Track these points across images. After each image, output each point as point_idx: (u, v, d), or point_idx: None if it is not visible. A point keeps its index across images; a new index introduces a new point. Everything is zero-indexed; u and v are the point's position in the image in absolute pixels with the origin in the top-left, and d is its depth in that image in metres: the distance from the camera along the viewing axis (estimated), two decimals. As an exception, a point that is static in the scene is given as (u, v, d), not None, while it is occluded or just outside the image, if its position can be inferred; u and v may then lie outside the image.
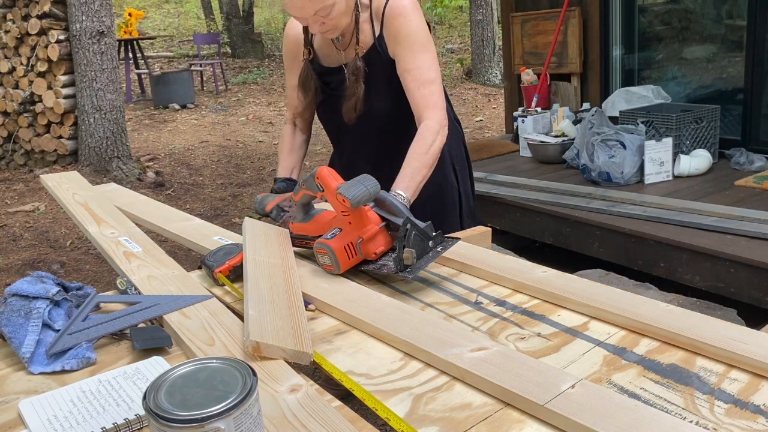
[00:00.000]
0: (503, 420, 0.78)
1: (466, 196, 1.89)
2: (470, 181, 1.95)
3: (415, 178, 1.49)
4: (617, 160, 3.31)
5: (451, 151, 1.83)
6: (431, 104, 1.58)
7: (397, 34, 1.60)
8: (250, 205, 4.89)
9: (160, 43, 13.84)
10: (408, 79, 1.61)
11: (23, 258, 3.88)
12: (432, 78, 1.59)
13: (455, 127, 1.87)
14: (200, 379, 0.66)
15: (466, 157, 1.94)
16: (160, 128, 7.81)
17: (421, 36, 1.60)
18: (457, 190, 1.86)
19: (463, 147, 1.92)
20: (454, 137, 1.82)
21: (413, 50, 1.59)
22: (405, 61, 1.60)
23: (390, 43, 1.63)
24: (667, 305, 1.03)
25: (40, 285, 1.06)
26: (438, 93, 1.60)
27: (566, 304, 1.08)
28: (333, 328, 1.05)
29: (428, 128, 1.55)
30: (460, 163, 1.88)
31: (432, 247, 1.22)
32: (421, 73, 1.59)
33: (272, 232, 1.40)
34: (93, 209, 1.68)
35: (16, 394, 0.89)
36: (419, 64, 1.59)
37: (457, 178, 1.86)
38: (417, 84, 1.59)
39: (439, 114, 1.58)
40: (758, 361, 0.85)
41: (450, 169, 1.84)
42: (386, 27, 1.62)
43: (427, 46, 1.61)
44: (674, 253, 2.65)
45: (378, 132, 1.75)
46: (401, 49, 1.60)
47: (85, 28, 5.34)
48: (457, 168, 1.87)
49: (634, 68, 4.37)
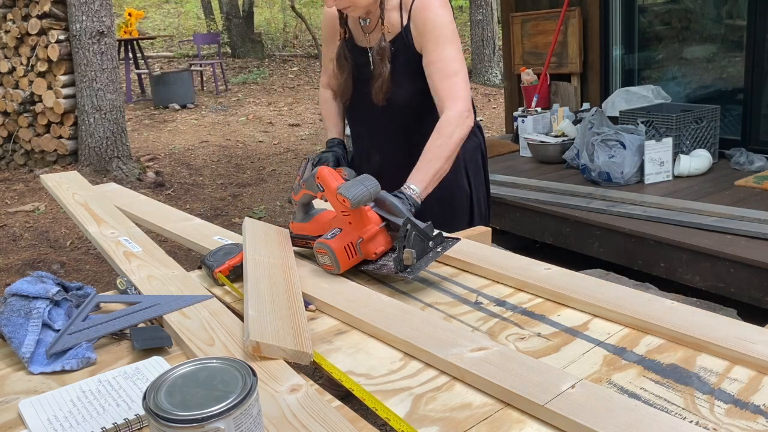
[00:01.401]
0: (503, 420, 0.78)
1: (478, 203, 1.88)
2: (485, 188, 1.93)
3: (428, 171, 1.49)
4: (617, 160, 3.31)
5: (465, 155, 1.81)
6: (453, 95, 1.58)
7: (424, 27, 1.62)
8: (250, 205, 4.89)
9: (160, 43, 13.84)
10: (432, 71, 1.62)
11: (23, 258, 3.88)
12: (456, 70, 1.60)
13: (473, 134, 1.84)
14: (200, 379, 0.66)
15: (483, 163, 1.92)
16: (160, 128, 7.81)
17: (447, 29, 1.61)
18: (468, 196, 1.85)
19: (480, 153, 1.90)
20: (470, 143, 1.81)
21: (438, 43, 1.60)
22: (429, 53, 1.62)
23: (416, 35, 1.64)
24: (672, 303, 1.03)
25: (40, 285, 1.06)
26: (461, 85, 1.60)
27: (570, 302, 1.08)
28: (333, 328, 1.05)
29: (447, 119, 1.56)
30: (474, 168, 1.87)
31: (432, 248, 1.22)
32: (445, 65, 1.60)
33: (272, 232, 1.40)
34: (93, 209, 1.68)
35: (16, 394, 0.89)
36: (443, 57, 1.60)
37: (469, 184, 1.85)
38: (441, 76, 1.60)
39: (461, 105, 1.57)
40: (764, 360, 0.85)
41: (462, 173, 1.83)
42: (413, 19, 1.64)
43: (453, 40, 1.62)
44: (674, 253, 2.65)
45: (393, 122, 1.75)
46: (426, 41, 1.62)
47: (85, 28, 5.34)
48: (471, 173, 1.85)
49: (634, 68, 4.37)
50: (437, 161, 1.50)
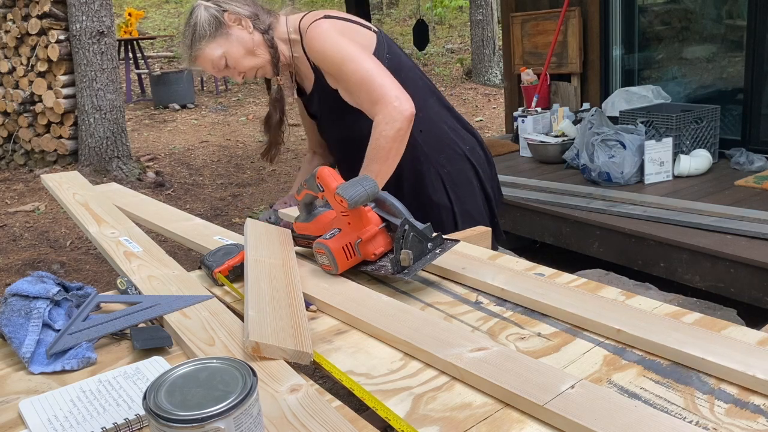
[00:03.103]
0: (503, 420, 0.78)
1: (464, 216, 1.77)
2: (483, 198, 1.83)
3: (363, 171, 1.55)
4: (617, 160, 3.31)
5: (441, 169, 1.75)
6: (371, 100, 1.57)
7: (320, 63, 1.63)
8: (250, 205, 4.89)
9: (160, 43, 13.83)
10: (349, 92, 1.62)
11: (23, 258, 3.88)
12: (361, 78, 1.56)
13: (452, 145, 1.77)
14: (200, 379, 0.66)
15: (477, 172, 1.82)
16: (160, 128, 7.81)
17: (337, 52, 1.58)
18: (450, 210, 1.77)
19: (467, 162, 1.80)
20: (449, 153, 1.76)
21: (336, 67, 1.60)
22: (337, 80, 1.63)
23: (324, 74, 1.66)
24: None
25: (41, 285, 1.06)
26: (375, 84, 1.55)
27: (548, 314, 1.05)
28: (333, 328, 1.05)
29: (375, 125, 1.57)
30: (453, 181, 1.77)
31: (431, 249, 1.21)
32: (352, 81, 1.59)
33: (274, 233, 1.40)
34: (93, 209, 1.68)
35: (16, 393, 0.89)
36: (347, 75, 1.59)
37: (449, 197, 1.77)
38: (355, 90, 1.60)
39: (383, 107, 1.54)
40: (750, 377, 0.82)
41: (439, 188, 1.75)
42: (313, 59, 1.65)
43: (347, 51, 1.58)
44: (674, 253, 2.65)
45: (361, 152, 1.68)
46: (329, 74, 1.64)
47: (85, 28, 5.34)
48: (449, 187, 1.77)
49: (634, 68, 4.37)
50: (374, 163, 1.55)
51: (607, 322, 0.97)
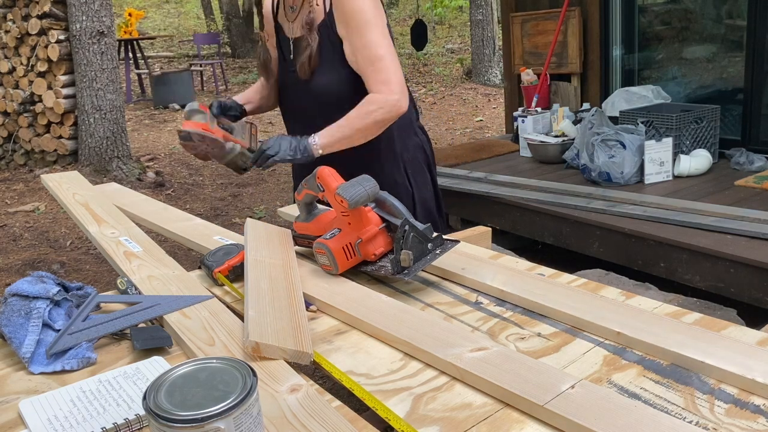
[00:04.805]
0: (503, 420, 0.78)
1: (422, 203, 1.85)
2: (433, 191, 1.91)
3: (335, 133, 1.57)
4: (617, 160, 3.31)
5: (404, 153, 1.81)
6: (381, 80, 1.58)
7: (344, 14, 1.62)
8: (250, 205, 4.89)
9: (160, 43, 13.84)
10: (358, 58, 1.62)
11: (23, 258, 3.88)
12: (381, 54, 1.59)
13: (414, 133, 1.84)
14: (200, 379, 0.66)
15: (428, 165, 1.90)
16: (160, 128, 7.81)
17: (368, 14, 1.60)
18: (410, 194, 1.82)
19: (422, 153, 1.88)
20: (410, 141, 1.82)
21: (360, 29, 1.60)
22: (353, 40, 1.62)
23: (338, 23, 1.64)
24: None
25: (41, 285, 1.06)
26: (390, 69, 1.59)
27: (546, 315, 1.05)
28: (333, 328, 1.05)
29: (370, 99, 1.58)
30: (415, 167, 1.84)
31: (431, 250, 1.21)
32: (370, 51, 1.60)
33: (274, 233, 1.40)
34: (93, 209, 1.68)
35: (16, 394, 0.89)
36: (366, 42, 1.60)
37: (410, 183, 1.83)
38: (367, 62, 1.61)
39: (388, 89, 1.57)
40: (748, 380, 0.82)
41: (401, 170, 1.81)
42: (335, 6, 1.64)
43: (376, 24, 1.61)
44: (674, 253, 2.65)
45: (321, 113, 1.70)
46: (349, 28, 1.62)
47: (85, 28, 5.34)
48: (410, 172, 1.83)
49: (634, 68, 4.37)
50: (347, 129, 1.58)
51: (607, 324, 0.97)
